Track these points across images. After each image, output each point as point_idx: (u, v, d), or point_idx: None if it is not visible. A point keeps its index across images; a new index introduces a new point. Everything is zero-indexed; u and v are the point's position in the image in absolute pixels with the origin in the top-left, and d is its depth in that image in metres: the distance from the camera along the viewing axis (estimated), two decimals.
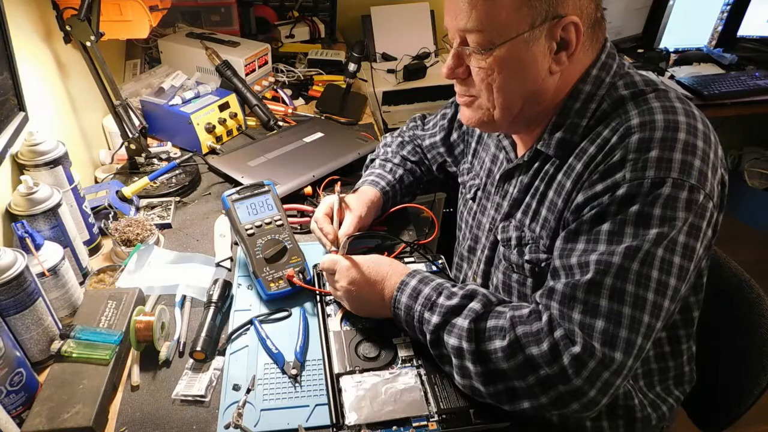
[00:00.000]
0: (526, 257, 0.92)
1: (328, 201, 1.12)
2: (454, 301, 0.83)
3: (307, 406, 0.85)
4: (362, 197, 1.13)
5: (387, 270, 0.93)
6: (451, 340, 0.81)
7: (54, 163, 1.03)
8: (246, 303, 1.03)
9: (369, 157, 1.33)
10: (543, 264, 0.89)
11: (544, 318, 0.76)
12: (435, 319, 0.83)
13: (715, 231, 0.82)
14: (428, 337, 0.84)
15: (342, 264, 0.94)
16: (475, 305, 0.82)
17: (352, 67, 1.68)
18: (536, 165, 0.91)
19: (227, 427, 0.81)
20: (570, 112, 0.85)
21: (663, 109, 0.78)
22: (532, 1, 0.75)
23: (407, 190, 1.26)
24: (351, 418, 0.80)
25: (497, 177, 1.00)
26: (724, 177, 0.81)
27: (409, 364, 0.89)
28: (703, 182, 0.75)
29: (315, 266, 1.08)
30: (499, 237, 0.97)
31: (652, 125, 0.76)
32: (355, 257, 0.95)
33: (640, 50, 2.49)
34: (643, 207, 0.74)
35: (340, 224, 1.08)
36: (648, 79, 0.86)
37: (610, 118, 0.81)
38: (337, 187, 1.10)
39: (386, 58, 2.26)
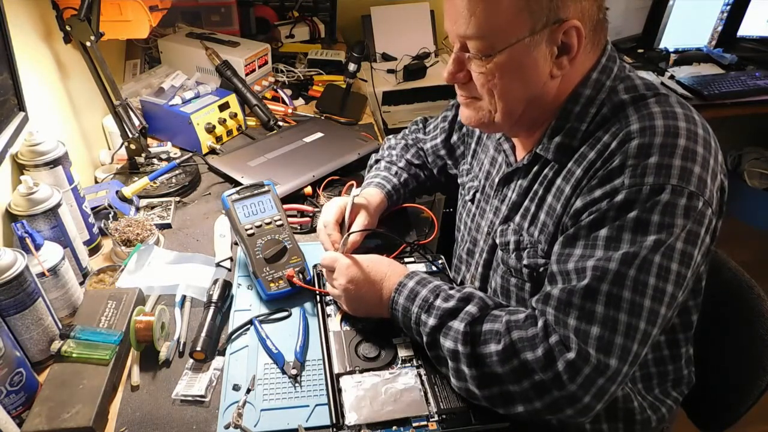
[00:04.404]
0: (525, 261, 0.91)
1: (338, 205, 1.10)
2: (451, 303, 0.83)
3: (307, 406, 0.85)
4: (371, 201, 1.13)
5: (386, 270, 0.93)
6: (446, 343, 0.81)
7: (54, 163, 1.03)
8: (246, 303, 1.03)
9: (374, 157, 1.33)
10: (541, 269, 0.89)
11: (540, 323, 0.76)
12: (431, 321, 0.83)
13: (713, 237, 0.82)
14: (425, 339, 0.84)
15: (342, 262, 0.94)
16: (471, 308, 0.82)
17: (352, 67, 1.68)
18: (535, 169, 0.91)
19: (227, 427, 0.81)
20: (570, 116, 0.84)
21: (663, 115, 0.78)
22: (533, 6, 0.74)
23: (410, 194, 1.26)
24: (351, 418, 0.80)
25: (496, 181, 1.00)
26: (723, 183, 0.80)
27: (409, 364, 0.89)
28: (703, 189, 0.74)
29: (315, 266, 1.08)
30: (497, 241, 0.97)
31: (652, 131, 0.76)
32: (356, 256, 0.95)
33: (640, 50, 2.49)
34: (642, 213, 0.73)
35: (349, 227, 1.08)
36: (649, 83, 0.85)
37: (610, 122, 0.81)
38: (354, 190, 1.09)
39: (386, 58, 2.25)
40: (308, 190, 1.33)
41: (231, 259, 1.14)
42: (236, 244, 1.17)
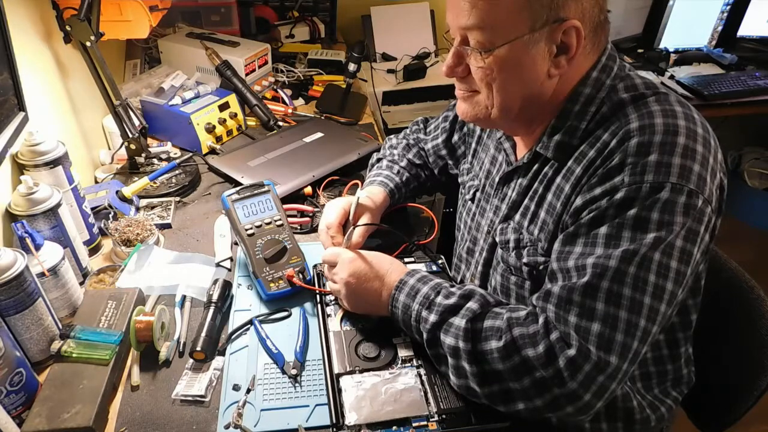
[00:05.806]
0: (524, 260, 0.91)
1: (342, 206, 1.09)
2: (452, 300, 0.83)
3: (307, 406, 0.85)
4: (374, 199, 1.14)
5: (388, 267, 0.93)
6: (447, 340, 0.81)
7: (54, 163, 1.03)
8: (246, 303, 1.03)
9: (375, 156, 1.33)
10: (541, 267, 0.89)
11: (541, 320, 0.76)
12: (432, 317, 0.83)
13: (712, 236, 0.82)
14: (425, 336, 0.84)
15: (344, 256, 0.94)
16: (472, 305, 0.82)
17: (352, 67, 1.68)
18: (535, 167, 0.91)
19: (227, 427, 0.81)
20: (569, 115, 0.84)
21: (663, 113, 0.78)
22: (533, 4, 0.75)
23: (411, 193, 1.26)
24: (351, 418, 0.80)
25: (496, 179, 1.00)
26: (723, 181, 0.81)
27: (409, 364, 0.89)
28: (702, 187, 0.74)
29: (315, 266, 1.08)
30: (497, 239, 0.97)
31: (652, 129, 0.76)
32: (358, 251, 0.95)
33: (640, 50, 2.49)
34: (641, 211, 0.73)
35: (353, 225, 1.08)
36: (648, 82, 0.85)
37: (609, 121, 0.81)
38: (360, 191, 1.09)
39: (386, 58, 2.26)
40: (308, 190, 1.34)
41: (231, 259, 1.14)
42: (236, 244, 1.17)
